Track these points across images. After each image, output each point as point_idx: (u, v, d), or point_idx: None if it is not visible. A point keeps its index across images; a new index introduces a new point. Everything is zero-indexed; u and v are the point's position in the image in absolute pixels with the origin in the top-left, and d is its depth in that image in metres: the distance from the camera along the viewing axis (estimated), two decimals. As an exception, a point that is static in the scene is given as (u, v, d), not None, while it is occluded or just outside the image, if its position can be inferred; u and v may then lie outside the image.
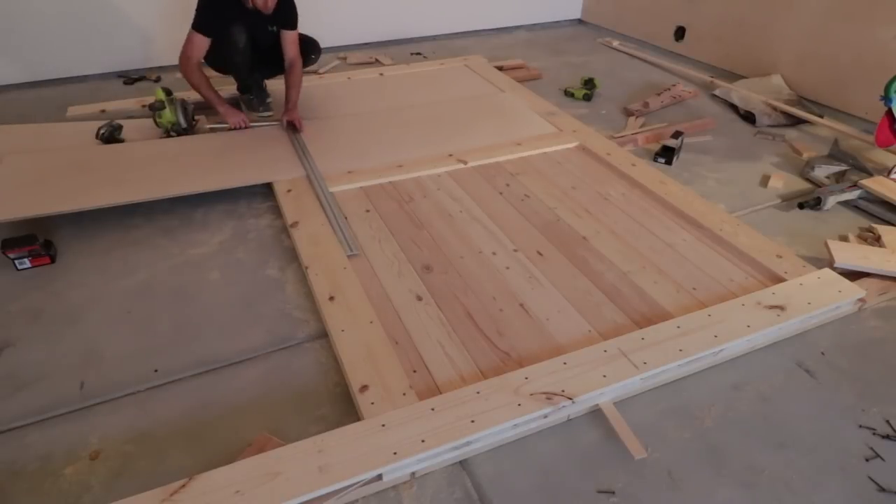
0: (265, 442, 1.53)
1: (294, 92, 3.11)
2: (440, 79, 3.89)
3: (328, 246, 2.22)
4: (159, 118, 2.97)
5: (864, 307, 2.05)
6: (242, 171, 2.70)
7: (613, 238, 2.34)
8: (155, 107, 2.95)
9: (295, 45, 3.09)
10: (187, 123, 3.03)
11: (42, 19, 3.74)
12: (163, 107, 2.94)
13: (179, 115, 2.99)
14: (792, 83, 3.73)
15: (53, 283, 2.16)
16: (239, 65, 3.10)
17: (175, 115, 2.98)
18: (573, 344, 1.83)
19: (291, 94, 3.11)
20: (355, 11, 4.53)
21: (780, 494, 1.46)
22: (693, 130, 3.32)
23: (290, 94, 3.11)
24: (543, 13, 5.28)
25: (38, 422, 1.65)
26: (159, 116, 2.97)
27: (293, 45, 3.08)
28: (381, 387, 1.64)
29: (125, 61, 4.10)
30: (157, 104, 2.94)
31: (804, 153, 3.06)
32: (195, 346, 1.89)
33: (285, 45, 3.07)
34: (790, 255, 2.19)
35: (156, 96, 2.95)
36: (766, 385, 1.76)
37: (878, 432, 1.62)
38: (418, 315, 1.95)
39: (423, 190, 2.66)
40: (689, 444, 1.59)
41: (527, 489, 1.47)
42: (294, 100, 3.12)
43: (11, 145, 2.90)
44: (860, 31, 3.32)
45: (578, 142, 3.04)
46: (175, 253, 2.32)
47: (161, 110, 2.95)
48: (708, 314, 1.88)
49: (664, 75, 4.17)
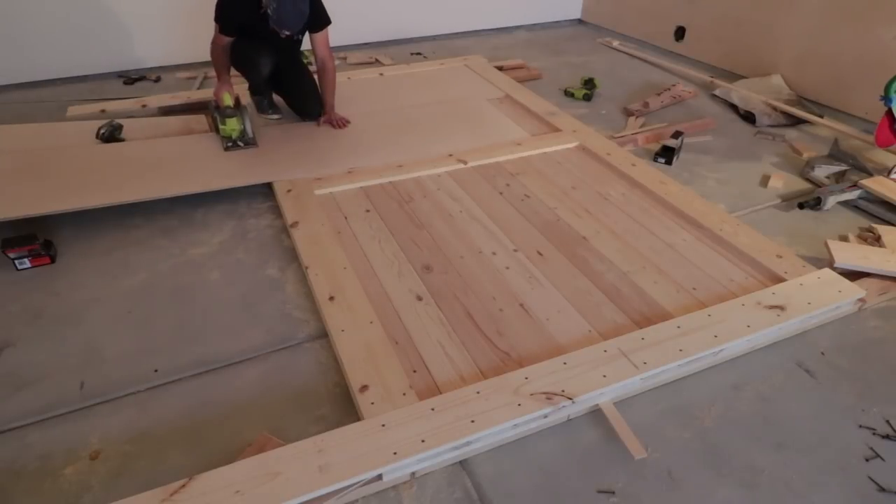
0: (265, 442, 1.53)
1: (329, 94, 3.11)
2: (440, 79, 3.89)
3: (328, 246, 2.23)
4: (223, 125, 2.79)
5: (864, 307, 2.05)
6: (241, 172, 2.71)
7: (613, 238, 2.34)
8: (225, 113, 2.77)
9: (323, 47, 3.01)
10: (253, 133, 2.87)
11: (42, 19, 3.74)
12: (234, 114, 2.77)
13: (247, 125, 2.83)
14: (792, 83, 3.73)
15: (54, 283, 2.16)
16: (255, 78, 3.07)
17: (242, 123, 2.82)
18: (573, 344, 1.83)
19: (326, 97, 3.11)
20: (355, 11, 4.53)
21: (779, 494, 1.47)
22: (693, 130, 3.32)
23: (326, 96, 3.11)
24: (543, 13, 5.28)
25: (39, 422, 1.65)
26: (223, 123, 2.79)
27: (322, 47, 3.00)
28: (381, 387, 1.64)
29: (125, 61, 4.09)
30: (228, 111, 2.76)
31: (804, 153, 3.06)
32: (195, 346, 1.89)
33: (314, 47, 3.00)
34: (790, 255, 2.19)
35: (223, 101, 2.76)
36: (765, 385, 1.77)
37: (878, 432, 1.62)
38: (418, 315, 1.95)
39: (423, 190, 2.66)
40: (688, 443, 1.59)
41: (527, 489, 1.47)
42: (330, 102, 3.12)
43: (11, 145, 2.90)
44: (860, 31, 3.32)
45: (578, 142, 3.04)
46: (175, 253, 2.32)
47: (231, 117, 2.77)
48: (708, 314, 1.88)
49: (664, 75, 4.17)
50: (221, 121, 2.79)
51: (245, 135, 2.85)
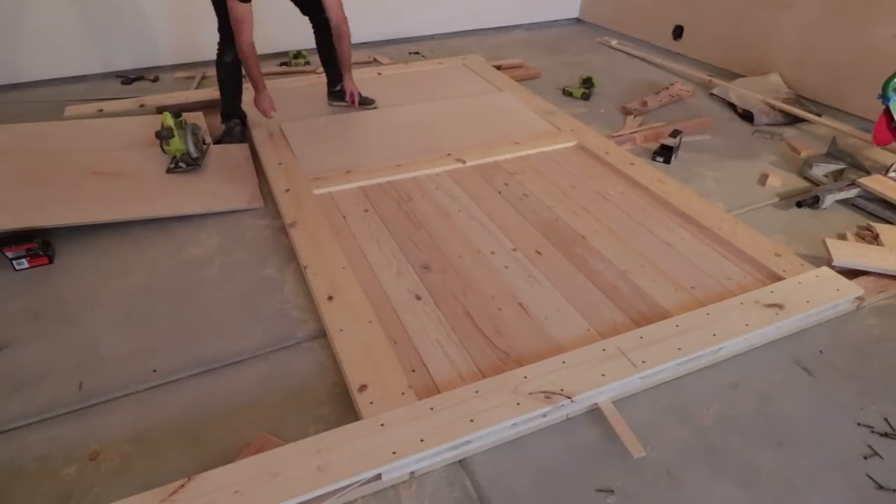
0: (264, 441, 1.53)
1: (346, 61, 3.00)
2: (439, 78, 3.89)
3: (327, 245, 2.22)
4: (167, 146, 2.66)
5: (863, 305, 2.05)
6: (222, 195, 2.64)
7: (612, 237, 2.34)
8: (162, 135, 2.62)
9: (337, 8, 2.89)
10: (198, 152, 2.73)
11: (40, 19, 3.74)
12: (171, 135, 2.62)
13: (189, 144, 2.68)
14: (790, 82, 3.74)
15: (52, 283, 2.16)
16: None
17: (185, 143, 2.67)
18: (572, 343, 1.83)
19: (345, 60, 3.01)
20: (354, 11, 4.50)
21: (778, 493, 1.47)
22: (691, 129, 3.32)
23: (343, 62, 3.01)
24: (542, 12, 5.28)
25: (38, 422, 1.65)
26: (167, 144, 2.66)
27: (335, 8, 2.88)
28: (379, 386, 1.64)
29: (123, 61, 4.09)
30: (165, 132, 2.61)
31: (802, 152, 3.07)
32: (194, 345, 1.89)
33: (327, 10, 2.88)
34: (788, 254, 2.20)
35: (163, 122, 2.63)
36: (764, 383, 1.77)
37: (877, 430, 1.63)
38: (417, 314, 1.95)
39: (421, 189, 2.66)
40: (687, 442, 1.59)
41: (526, 488, 1.48)
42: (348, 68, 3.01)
43: (10, 145, 2.90)
44: (858, 29, 3.32)
45: (577, 141, 3.04)
46: (174, 253, 2.32)
47: (169, 139, 2.63)
48: (706, 313, 1.88)
49: (662, 74, 4.17)
50: (166, 143, 2.64)
51: (188, 155, 2.70)
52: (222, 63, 2.93)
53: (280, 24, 3.77)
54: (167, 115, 2.64)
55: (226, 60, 2.91)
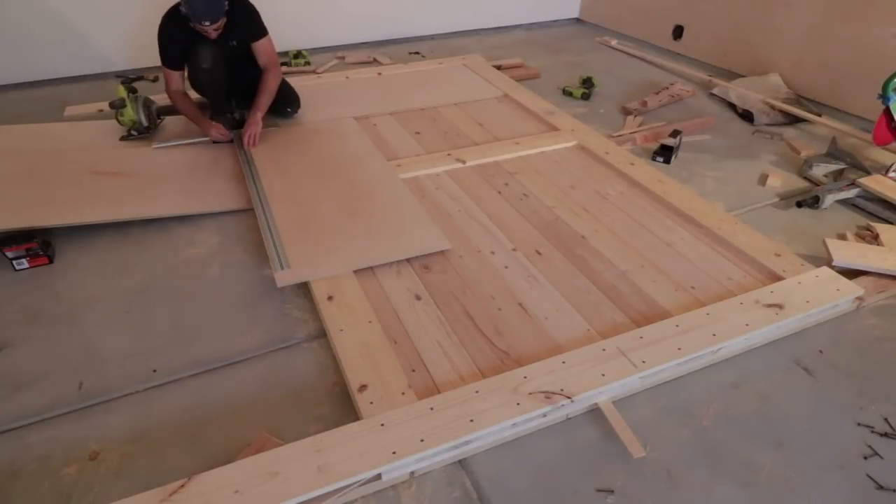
0: (264, 441, 1.53)
1: (264, 97, 2.86)
2: (439, 78, 3.89)
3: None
4: (121, 116, 2.86)
5: (863, 305, 2.05)
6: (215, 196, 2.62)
7: (612, 237, 2.34)
8: (116, 105, 2.82)
9: (267, 54, 2.89)
10: (149, 122, 2.90)
11: (40, 19, 3.73)
12: (123, 105, 2.82)
13: (141, 114, 2.86)
14: (790, 82, 3.74)
15: (52, 283, 2.16)
16: (205, 83, 2.87)
17: (136, 113, 2.84)
18: (572, 343, 1.83)
19: (260, 98, 2.86)
20: (353, 10, 4.52)
21: (778, 493, 1.47)
22: (691, 129, 3.32)
23: (257, 99, 2.86)
24: (541, 12, 5.28)
25: (37, 422, 1.65)
26: (121, 115, 2.86)
27: (264, 55, 2.88)
28: (379, 386, 1.64)
29: (123, 61, 4.08)
30: (118, 102, 2.82)
31: (802, 152, 3.07)
32: (194, 345, 1.89)
33: (257, 56, 2.88)
34: (788, 254, 2.20)
35: (117, 93, 2.81)
36: (764, 383, 1.77)
37: (877, 430, 1.63)
38: (417, 314, 1.95)
39: (421, 189, 2.66)
40: (687, 442, 1.59)
41: (526, 488, 1.48)
42: (260, 104, 2.84)
43: (9, 145, 2.90)
44: (858, 29, 3.32)
45: (577, 141, 3.04)
46: (174, 253, 2.32)
47: (122, 108, 2.83)
48: (706, 313, 1.88)
49: (662, 74, 4.17)
50: (119, 112, 2.84)
51: (140, 124, 2.87)
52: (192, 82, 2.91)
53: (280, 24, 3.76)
54: (120, 86, 2.82)
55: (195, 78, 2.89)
